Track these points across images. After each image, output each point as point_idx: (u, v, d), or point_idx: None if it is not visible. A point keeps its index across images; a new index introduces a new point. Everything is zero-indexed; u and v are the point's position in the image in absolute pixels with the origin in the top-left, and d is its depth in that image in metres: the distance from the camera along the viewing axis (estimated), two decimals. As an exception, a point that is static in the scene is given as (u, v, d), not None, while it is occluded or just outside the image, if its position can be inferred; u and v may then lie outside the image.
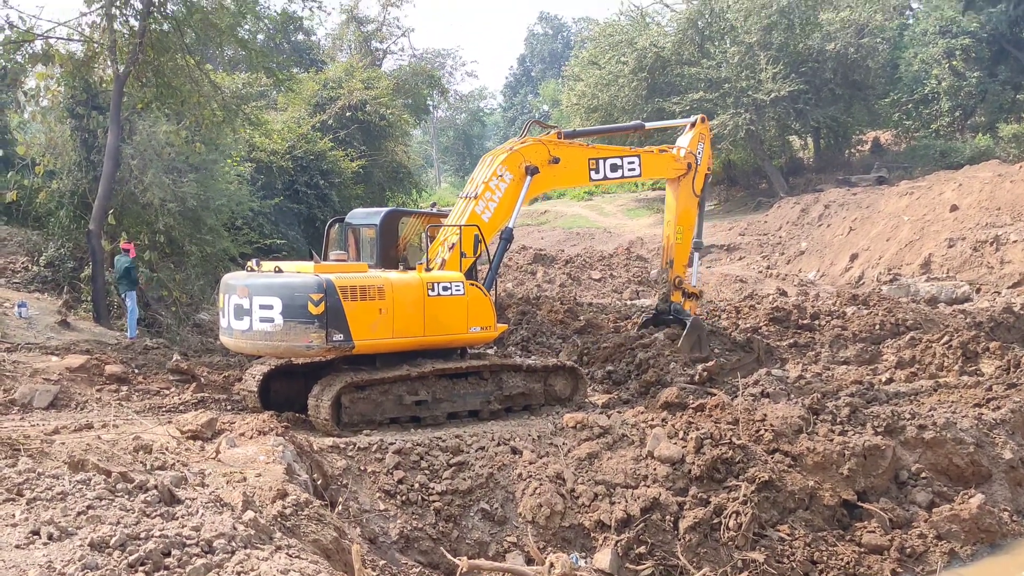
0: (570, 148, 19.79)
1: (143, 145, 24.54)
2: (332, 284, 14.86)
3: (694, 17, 58.99)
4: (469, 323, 16.65)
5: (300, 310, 14.76)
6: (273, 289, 15.11)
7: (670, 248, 22.25)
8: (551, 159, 18.89)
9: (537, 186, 18.91)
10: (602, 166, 20.01)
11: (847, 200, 46.76)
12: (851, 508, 14.76)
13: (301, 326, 14.78)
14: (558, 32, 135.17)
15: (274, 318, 14.92)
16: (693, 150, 21.90)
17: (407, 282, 15.95)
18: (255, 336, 15.22)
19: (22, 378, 17.14)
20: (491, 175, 18.01)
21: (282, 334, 14.92)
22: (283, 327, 14.87)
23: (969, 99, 58.49)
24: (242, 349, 16.30)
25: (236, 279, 15.95)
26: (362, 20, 63.82)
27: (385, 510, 13.45)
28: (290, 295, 14.89)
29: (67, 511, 8.27)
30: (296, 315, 14.78)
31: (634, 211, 63.84)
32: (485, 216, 17.71)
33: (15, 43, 24.00)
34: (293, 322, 14.81)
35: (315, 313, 14.71)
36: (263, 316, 15.03)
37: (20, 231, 27.33)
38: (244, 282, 15.57)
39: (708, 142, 22.55)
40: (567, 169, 19.48)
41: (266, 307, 15.01)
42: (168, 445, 12.65)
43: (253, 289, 15.28)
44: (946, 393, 18.79)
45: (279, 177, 36.76)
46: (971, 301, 30.43)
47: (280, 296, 14.93)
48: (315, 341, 14.81)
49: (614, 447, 15.10)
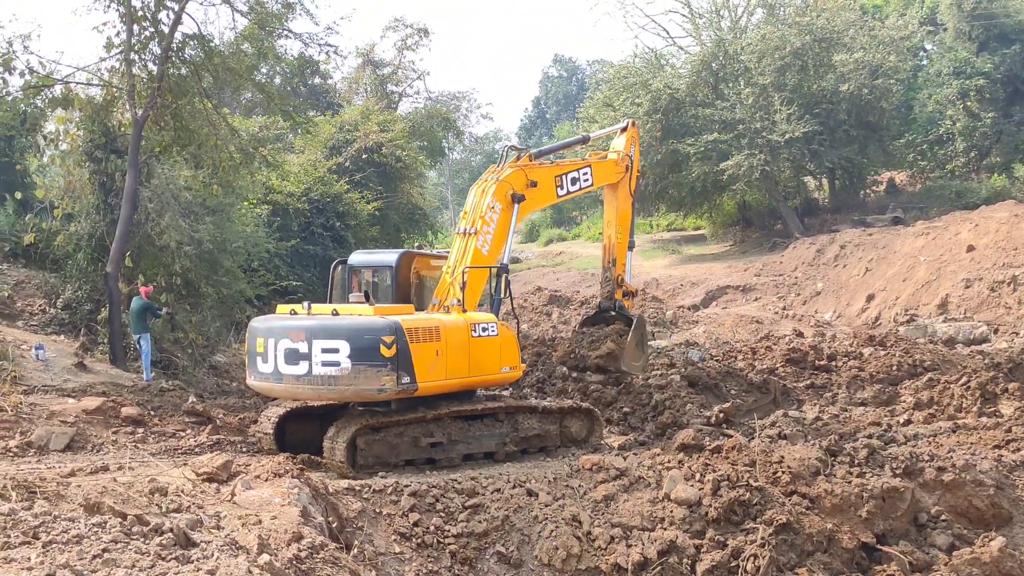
0: (542, 169, 19.92)
1: (160, 188, 24.71)
2: (401, 326, 14.79)
3: (708, 59, 59.18)
4: (501, 363, 16.72)
5: (372, 353, 14.59)
6: (340, 332, 14.86)
7: (612, 248, 22.83)
8: (529, 183, 19.00)
9: (522, 212, 18.96)
10: (565, 181, 20.30)
11: (863, 241, 46.65)
12: (870, 551, 14.62)
13: (372, 369, 14.62)
14: (572, 74, 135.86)
15: (340, 361, 14.68)
16: (628, 152, 22.78)
17: (456, 323, 16.04)
18: (315, 381, 14.92)
19: (39, 420, 17.18)
20: (485, 208, 17.97)
21: (349, 378, 14.70)
22: (351, 371, 14.66)
23: (984, 140, 58.44)
24: (295, 395, 15.92)
25: (281, 322, 15.69)
26: (378, 63, 64.35)
27: (400, 553, 13.38)
28: (359, 337, 14.69)
29: (83, 554, 8.26)
30: (367, 358, 14.60)
31: (649, 252, 63.83)
32: (484, 249, 17.70)
33: (35, 88, 24.27)
34: (363, 365, 14.61)
35: (387, 356, 14.59)
36: (327, 360, 14.75)
37: (38, 274, 27.46)
38: (300, 325, 15.27)
39: (638, 145, 23.87)
40: (541, 190, 19.61)
41: (330, 351, 14.73)
42: (184, 487, 12.63)
43: (313, 332, 14.97)
44: (965, 435, 18.63)
45: (295, 219, 36.97)
46: (989, 342, 30.24)
47: (348, 339, 14.70)
48: (387, 384, 14.70)
49: (630, 489, 15.03)
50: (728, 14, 65.03)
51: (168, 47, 23.98)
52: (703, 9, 65.39)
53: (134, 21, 23.63)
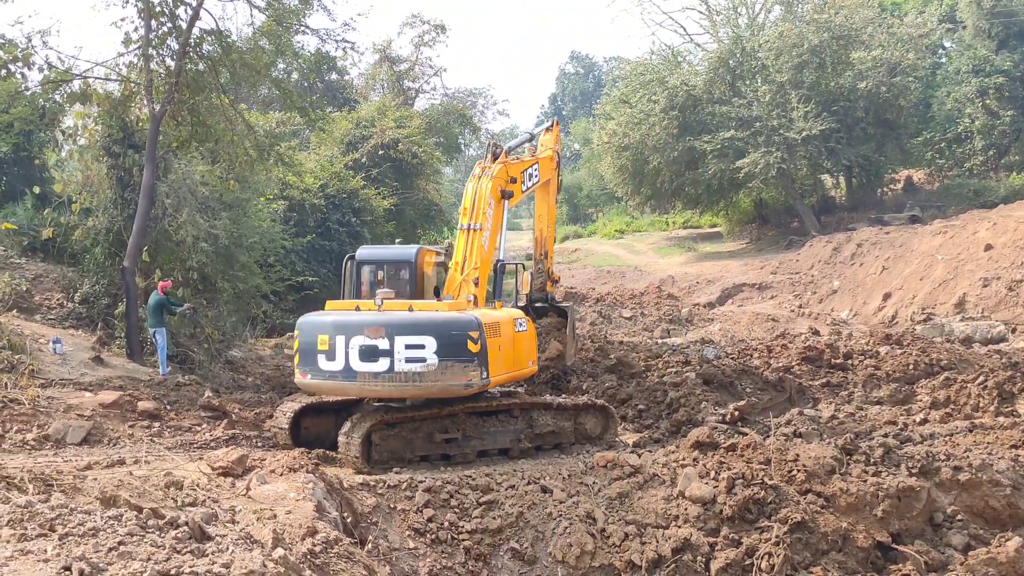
0: (516, 165, 19.97)
1: (178, 183, 24.81)
2: (481, 321, 14.92)
3: (725, 56, 59.06)
4: (529, 357, 16.87)
5: (460, 348, 14.67)
6: (426, 327, 14.83)
7: (544, 241, 23.11)
8: (510, 179, 19.09)
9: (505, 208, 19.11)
10: (526, 177, 20.40)
11: (880, 239, 46.47)
12: (885, 550, 14.56)
13: (460, 365, 14.67)
14: (589, 71, 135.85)
15: (427, 358, 14.68)
16: (557, 148, 23.16)
17: (506, 319, 16.27)
18: (398, 378, 14.79)
19: (56, 414, 17.26)
20: (485, 204, 17.97)
21: (436, 374, 14.68)
22: (437, 366, 14.66)
23: (1003, 138, 58.19)
24: (370, 393, 15.71)
25: (352, 317, 15.40)
26: (395, 60, 64.35)
27: (415, 548, 13.40)
28: (445, 333, 14.71)
29: (99, 547, 8.29)
30: (454, 354, 14.65)
31: (665, 249, 63.79)
32: (487, 246, 17.68)
33: (54, 83, 24.37)
34: (450, 361, 14.64)
35: (474, 351, 14.71)
36: (411, 356, 14.68)
37: (56, 268, 27.58)
38: (380, 320, 15.08)
39: (560, 145, 24.14)
40: (517, 187, 19.66)
41: (415, 346, 14.68)
42: (199, 481, 12.67)
43: (395, 328, 14.85)
44: (982, 434, 18.52)
45: (311, 215, 37.06)
46: (1007, 341, 30.09)
47: (435, 335, 14.70)
48: (473, 379, 14.80)
49: (645, 487, 15.01)
50: (746, 11, 64.99)
51: (186, 43, 24.04)
52: (721, 6, 65.45)
53: (152, 17, 23.68)
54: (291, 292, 33.81)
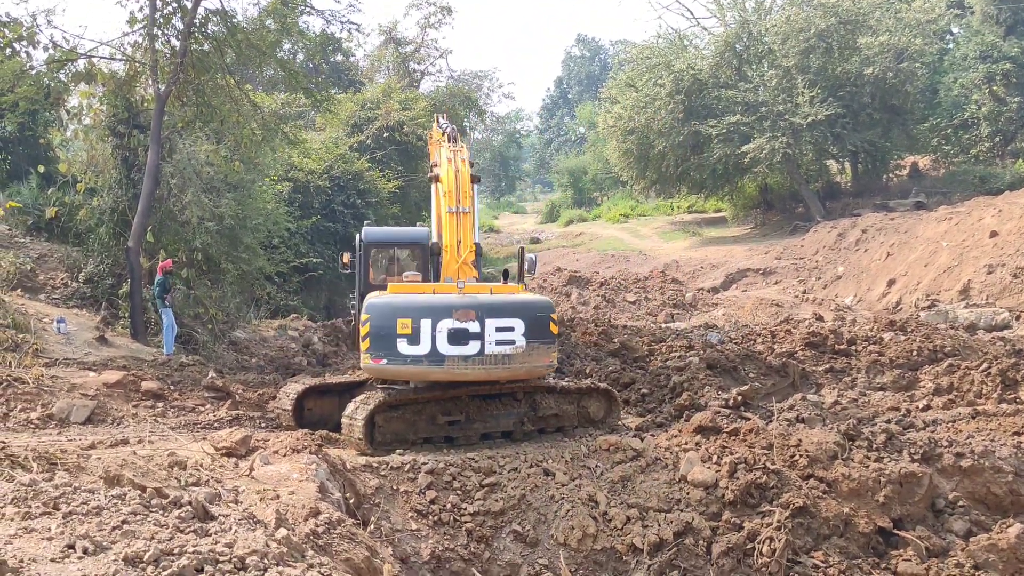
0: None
1: (183, 164, 24.81)
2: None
3: (732, 40, 58.86)
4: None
5: (544, 330, 15.03)
6: (515, 310, 15.05)
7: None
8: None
9: None
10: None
11: (885, 225, 46.38)
12: (887, 536, 14.59)
13: (544, 346, 15.06)
14: (595, 54, 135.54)
15: (516, 340, 14.92)
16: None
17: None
18: (488, 360, 14.90)
19: (60, 393, 17.30)
20: (468, 187, 17.81)
21: (524, 355, 14.99)
22: (526, 348, 14.95)
23: (1009, 125, 58.00)
24: (459, 377, 15.37)
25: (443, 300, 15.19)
26: (400, 41, 64.26)
27: (417, 530, 13.44)
28: (532, 315, 15.02)
29: (102, 526, 8.32)
30: (540, 335, 15.01)
31: (669, 234, 63.71)
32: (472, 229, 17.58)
33: (59, 62, 24.34)
34: (537, 343, 14.99)
35: (555, 332, 15.18)
36: (501, 339, 14.87)
37: (60, 247, 27.62)
38: (471, 303, 15.02)
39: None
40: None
41: (505, 329, 14.90)
42: (202, 462, 12.70)
43: (486, 311, 14.90)
44: (984, 421, 18.52)
45: (316, 196, 37.05)
46: (1011, 328, 30.04)
47: (523, 318, 14.98)
48: (554, 360, 15.27)
49: (647, 470, 15.04)
50: (753, -5, 64.65)
51: (191, 22, 24.00)
52: (728, -10, 65.02)
53: (157, -4, 23.67)
54: (295, 274, 33.86)
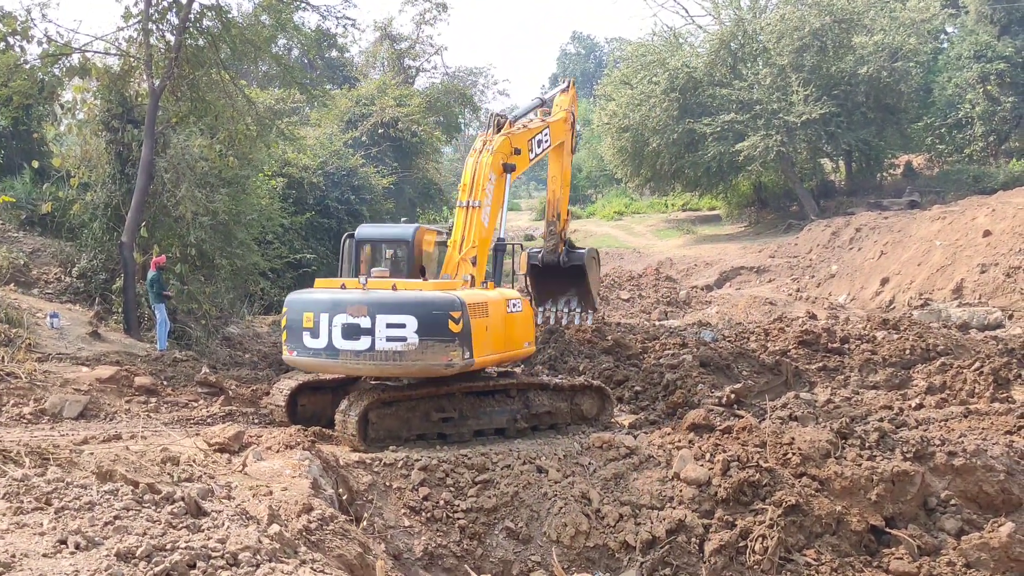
0: (521, 135, 19.59)
1: (176, 159, 24.76)
2: (464, 302, 14.81)
3: (727, 38, 58.91)
4: (525, 338, 16.83)
5: (440, 328, 14.58)
6: (407, 307, 14.77)
7: (556, 203, 22.88)
8: (514, 150, 18.74)
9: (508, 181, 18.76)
10: (534, 144, 20.11)
11: (878, 224, 46.45)
12: (879, 534, 14.61)
13: (440, 344, 14.60)
14: (591, 52, 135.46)
15: (407, 337, 14.62)
16: (571, 109, 22.92)
17: (497, 299, 16.18)
18: (379, 356, 14.76)
19: (52, 388, 17.28)
20: (485, 180, 17.70)
21: (416, 353, 14.62)
22: (418, 346, 14.61)
23: (1003, 124, 58.10)
24: (352, 371, 15.71)
25: (342, 296, 15.36)
26: (395, 38, 64.12)
27: (410, 526, 13.45)
28: (426, 313, 14.63)
29: (94, 521, 8.31)
30: (434, 333, 14.57)
31: (664, 232, 63.76)
32: (486, 223, 17.49)
33: (53, 56, 24.28)
34: (430, 340, 14.57)
35: (455, 331, 14.61)
36: (391, 335, 14.64)
37: (54, 242, 27.57)
38: (362, 299, 15.02)
39: (576, 104, 23.91)
40: (522, 156, 19.33)
41: (396, 325, 14.63)
42: (195, 457, 12.70)
43: (376, 307, 14.81)
44: (977, 420, 18.56)
45: (310, 192, 37.00)
46: (1003, 327, 30.11)
47: (416, 314, 14.64)
48: (455, 359, 14.70)
49: (640, 468, 15.06)
50: (748, -7, 64.69)
51: (186, 17, 23.95)
52: (723, -12, 65.04)
53: (152, -9, 23.62)
54: (289, 269, 33.80)
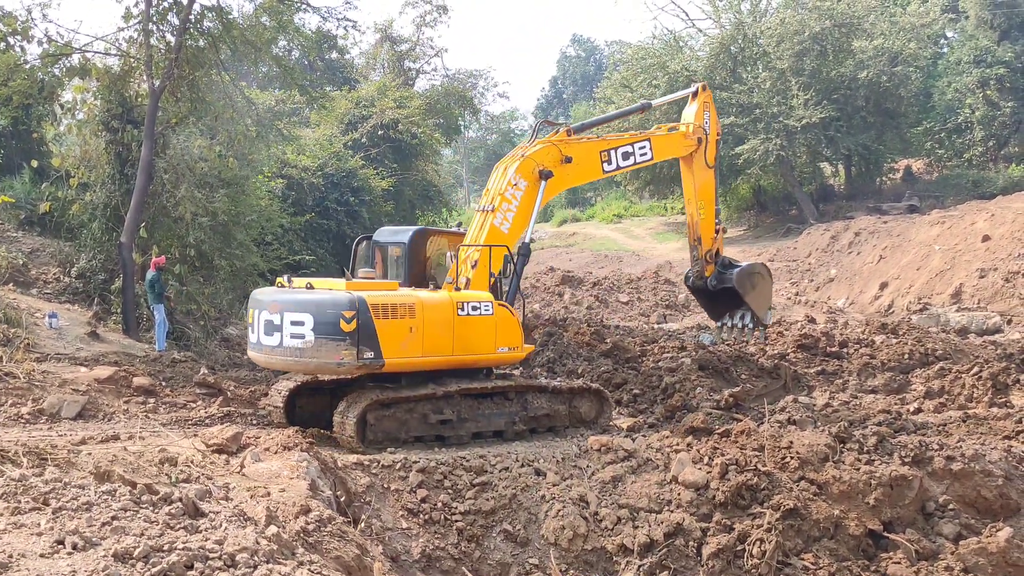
0: (581, 144, 19.30)
1: (176, 159, 24.77)
2: (364, 302, 14.89)
3: (727, 42, 58.91)
4: (497, 343, 16.63)
5: (332, 327, 14.80)
6: (305, 306, 15.15)
7: (695, 226, 21.41)
8: (563, 159, 18.43)
9: (552, 188, 18.47)
10: (614, 156, 19.55)
11: (878, 228, 46.45)
12: (877, 538, 14.61)
13: (332, 343, 14.81)
14: (591, 55, 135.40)
15: (305, 334, 14.97)
16: (700, 122, 21.17)
17: (437, 301, 15.98)
18: (285, 352, 15.28)
19: (51, 388, 17.28)
20: (506, 185, 17.71)
21: (313, 351, 14.96)
22: (314, 344, 14.91)
23: (1003, 129, 58.12)
24: (272, 365, 16.42)
25: (266, 295, 16.07)
26: (396, 39, 64.04)
27: (407, 528, 13.45)
28: (322, 312, 14.92)
29: (92, 521, 8.30)
30: (328, 332, 14.82)
31: (663, 235, 63.75)
32: (504, 228, 17.51)
33: (53, 56, 24.28)
34: (324, 339, 14.84)
35: (347, 330, 14.74)
36: (294, 332, 15.08)
37: (53, 242, 27.56)
38: (275, 298, 15.65)
39: (713, 110, 21.78)
40: (580, 166, 19.04)
41: (297, 323, 15.05)
42: (193, 458, 12.69)
43: (284, 305, 15.34)
44: (975, 424, 18.59)
45: (310, 194, 36.97)
46: (1002, 332, 30.12)
47: (312, 313, 14.97)
48: (346, 358, 14.83)
49: (638, 471, 15.05)
50: (748, -3, 64.66)
51: (186, 18, 23.96)
52: (723, -8, 65.02)
53: (153, -9, 23.61)
54: (288, 271, 33.74)
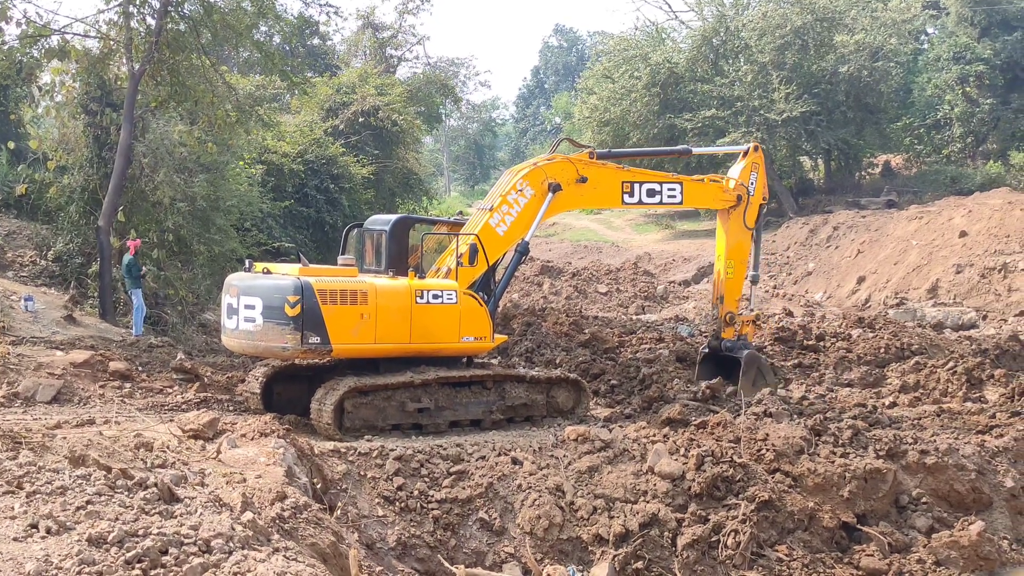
0: (601, 169, 19.13)
1: (155, 143, 24.61)
2: (311, 287, 15.06)
3: (709, 34, 58.93)
4: (461, 332, 16.56)
5: (277, 311, 15.07)
6: (255, 290, 15.53)
7: (720, 284, 20.85)
8: (579, 178, 18.35)
9: (560, 204, 18.53)
10: (637, 190, 19.28)
11: (856, 222, 46.66)
12: (850, 531, 14.73)
13: (278, 327, 15.09)
14: (573, 45, 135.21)
15: (255, 318, 15.33)
16: (745, 181, 20.50)
17: (393, 288, 16.02)
18: (240, 335, 15.70)
19: (26, 372, 17.18)
20: (510, 189, 17.88)
21: (261, 334, 15.31)
22: (262, 327, 15.25)
23: (981, 126, 58.36)
24: (231, 347, 16.89)
25: (231, 279, 16.41)
26: (378, 27, 63.80)
27: (383, 516, 13.45)
28: (269, 296, 15.25)
29: (66, 506, 8.28)
30: (273, 316, 15.12)
31: (642, 226, 63.80)
32: (500, 229, 17.59)
33: (31, 38, 24.06)
34: (271, 323, 15.15)
35: (291, 315, 14.96)
36: (247, 316, 15.46)
37: (29, 225, 27.37)
38: (234, 282, 16.05)
39: (762, 171, 20.95)
40: (596, 190, 19.02)
41: (250, 307, 15.43)
42: (169, 443, 12.66)
43: (241, 289, 15.72)
44: (949, 419, 18.73)
45: (290, 180, 36.80)
46: (977, 328, 30.34)
47: (261, 297, 15.34)
48: (290, 342, 15.06)
49: (615, 461, 15.09)
50: (731, -10, 64.70)
51: (167, 2, 23.78)
52: (706, -16, 65.03)
53: (133, -26, 23.43)
54: (267, 257, 33.63)
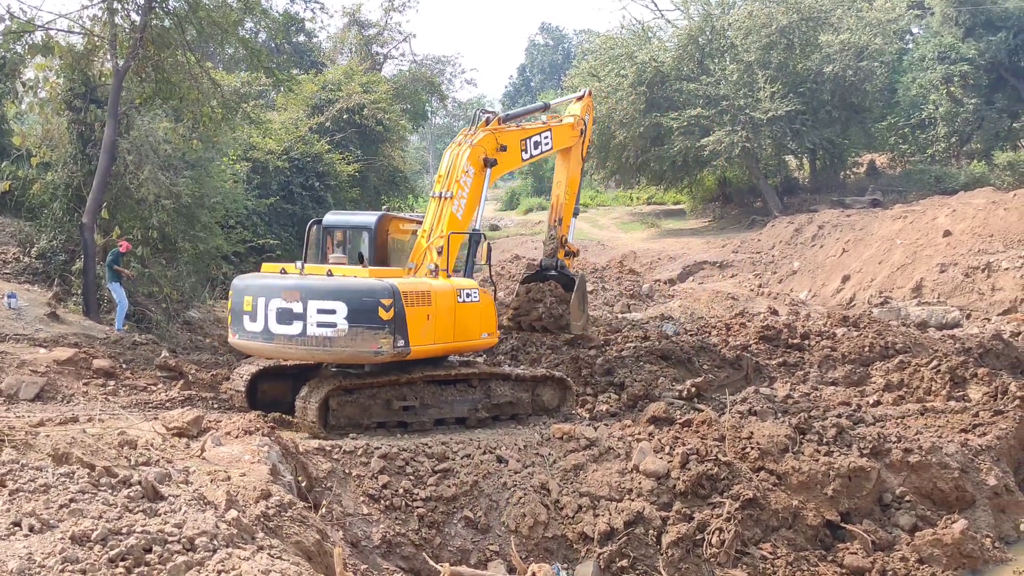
0: (510, 133, 20.29)
1: (140, 140, 24.53)
2: (398, 289, 14.82)
3: (695, 33, 59.00)
4: (481, 329, 16.78)
5: (370, 315, 14.61)
6: (338, 293, 14.84)
7: (559, 207, 23.59)
8: (499, 147, 19.31)
9: (492, 176, 19.19)
10: (529, 145, 20.82)
11: (841, 221, 46.79)
12: (834, 529, 14.78)
13: (370, 331, 14.62)
14: (559, 43, 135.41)
15: (337, 323, 14.67)
16: (583, 117, 23.62)
17: (444, 288, 16.10)
18: (310, 342, 14.88)
19: (9, 369, 17.11)
20: (460, 172, 18.11)
21: (347, 339, 14.69)
22: (347, 332, 14.64)
23: (966, 126, 58.58)
24: (285, 355, 15.87)
25: (276, 281, 15.54)
26: (364, 24, 63.73)
27: (368, 514, 13.44)
28: (358, 300, 14.69)
29: (49, 503, 8.25)
30: (363, 320, 14.61)
31: (628, 224, 63.89)
32: (459, 215, 17.86)
33: (15, 33, 23.95)
34: (360, 327, 14.61)
35: (385, 318, 14.61)
36: (322, 321, 14.73)
37: (13, 222, 27.26)
38: (294, 284, 15.19)
39: (592, 113, 24.69)
40: (509, 154, 19.95)
41: (327, 311, 14.72)
42: (153, 441, 12.62)
43: (308, 292, 14.92)
44: (933, 417, 18.79)
45: (275, 177, 36.77)
46: (961, 327, 30.45)
47: (347, 300, 14.70)
48: (384, 346, 14.71)
49: (600, 459, 15.11)
50: (717, -11, 64.77)
51: (152, -2, 23.72)
52: (692, -17, 65.09)
53: (118, -30, 23.33)
54: (252, 254, 33.59)
